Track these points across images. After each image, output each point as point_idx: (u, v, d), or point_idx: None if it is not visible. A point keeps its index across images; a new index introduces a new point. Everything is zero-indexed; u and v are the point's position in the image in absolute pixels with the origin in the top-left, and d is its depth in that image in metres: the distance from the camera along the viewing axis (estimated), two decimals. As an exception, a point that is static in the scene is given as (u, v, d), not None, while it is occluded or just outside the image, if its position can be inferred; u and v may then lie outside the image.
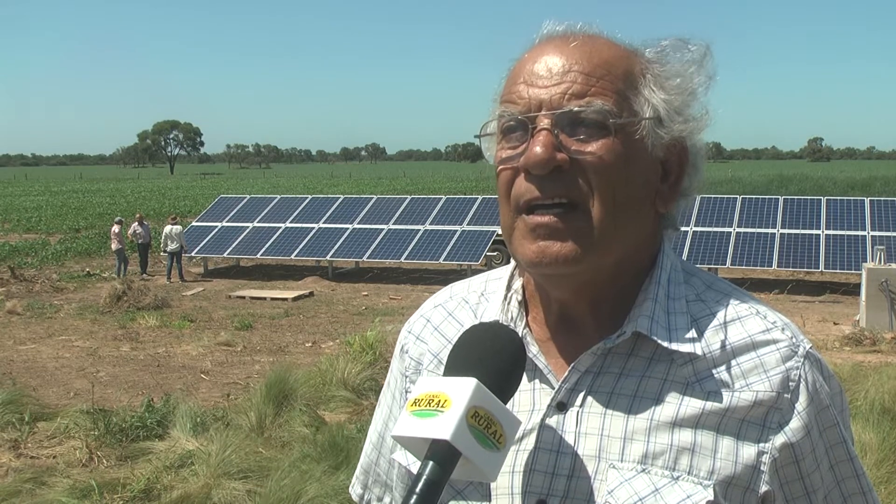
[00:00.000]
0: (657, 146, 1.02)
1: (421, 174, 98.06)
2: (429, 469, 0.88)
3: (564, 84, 0.99)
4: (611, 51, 1.02)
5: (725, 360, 1.02)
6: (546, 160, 0.97)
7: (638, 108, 1.01)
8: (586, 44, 1.02)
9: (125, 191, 60.70)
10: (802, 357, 1.03)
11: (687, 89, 1.04)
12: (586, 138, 0.98)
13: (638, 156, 1.01)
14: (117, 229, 18.55)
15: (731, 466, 0.98)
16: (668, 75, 1.04)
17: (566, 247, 0.98)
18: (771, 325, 1.04)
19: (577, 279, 1.02)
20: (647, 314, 1.02)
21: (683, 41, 1.06)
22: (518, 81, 1.02)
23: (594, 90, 0.98)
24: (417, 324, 1.21)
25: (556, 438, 1.02)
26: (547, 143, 0.97)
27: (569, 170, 0.98)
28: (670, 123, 1.02)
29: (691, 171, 1.07)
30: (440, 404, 0.91)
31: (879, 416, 6.36)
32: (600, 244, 0.99)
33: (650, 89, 1.02)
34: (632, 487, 0.98)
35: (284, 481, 5.30)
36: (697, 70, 1.05)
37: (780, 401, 1.00)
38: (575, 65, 1.00)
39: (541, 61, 1.02)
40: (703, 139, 1.07)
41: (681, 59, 1.05)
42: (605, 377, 1.03)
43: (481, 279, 1.21)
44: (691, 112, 1.04)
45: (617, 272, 1.04)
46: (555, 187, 0.98)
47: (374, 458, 1.25)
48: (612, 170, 0.98)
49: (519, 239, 1.02)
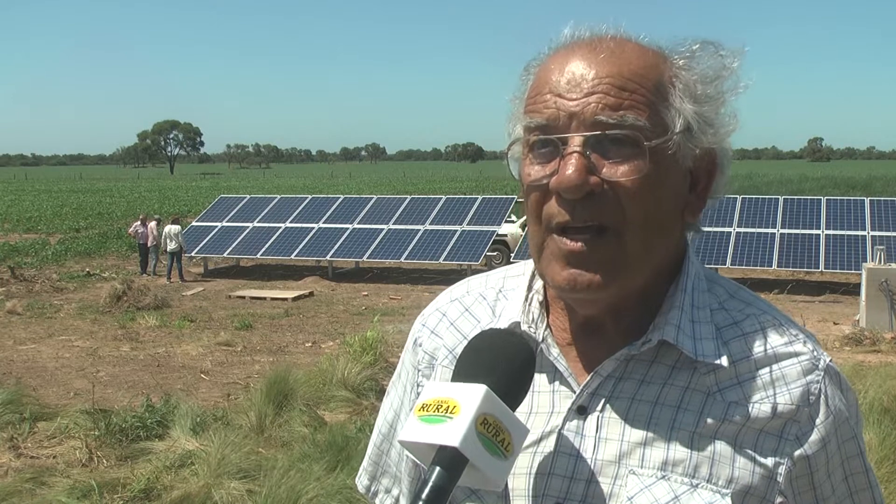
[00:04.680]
0: (687, 158, 0.99)
1: (421, 174, 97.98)
2: (435, 475, 0.88)
3: (596, 96, 0.95)
4: (641, 60, 0.98)
5: (747, 370, 1.01)
6: (578, 185, 0.93)
7: (669, 121, 0.97)
8: (616, 53, 0.98)
9: (125, 191, 60.68)
10: (823, 371, 1.03)
11: (718, 98, 1.00)
12: (619, 160, 0.95)
13: (669, 172, 0.98)
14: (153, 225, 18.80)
15: (748, 476, 0.98)
16: (698, 83, 1.00)
17: (597, 276, 0.96)
18: (793, 337, 1.04)
19: (605, 301, 1.01)
20: (674, 323, 1.01)
21: (714, 44, 1.02)
22: (545, 91, 0.98)
23: (627, 103, 0.95)
24: (433, 318, 1.19)
25: (575, 442, 1.02)
26: (580, 167, 0.94)
27: (601, 193, 0.95)
28: (701, 135, 0.99)
29: (719, 177, 1.04)
30: (449, 410, 0.90)
31: (879, 416, 6.36)
32: (631, 269, 0.98)
33: (680, 99, 0.98)
34: (651, 494, 0.98)
35: (284, 481, 5.30)
36: (728, 76, 1.01)
37: (800, 413, 1.00)
38: (606, 77, 0.95)
39: (569, 70, 0.97)
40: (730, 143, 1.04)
41: (711, 65, 1.01)
42: (627, 383, 1.02)
43: (499, 275, 1.20)
44: (721, 121, 1.01)
45: (644, 286, 1.03)
46: (587, 212, 0.95)
47: (384, 449, 1.23)
48: (646, 192, 0.95)
49: (549, 259, 0.99)
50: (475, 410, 0.89)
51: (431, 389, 0.95)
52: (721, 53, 1.02)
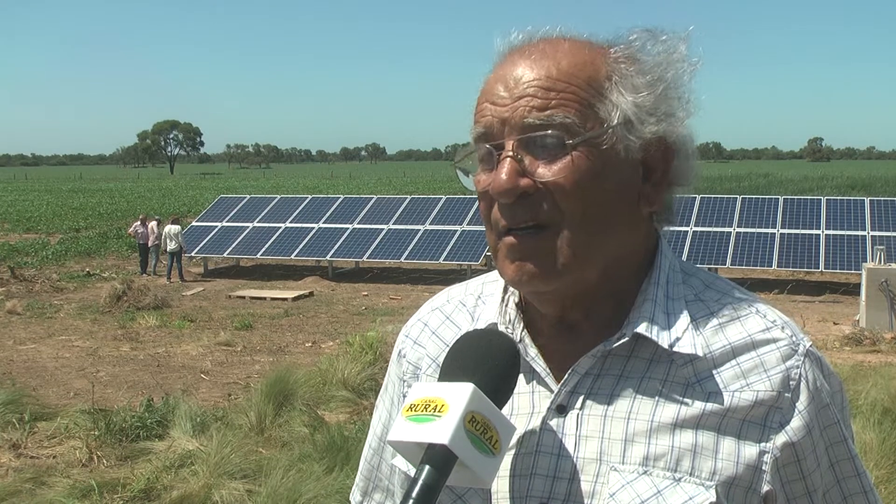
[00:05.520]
0: (632, 149, 0.99)
1: (421, 174, 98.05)
2: (425, 473, 0.88)
3: (524, 99, 0.97)
4: (572, 58, 0.99)
5: (725, 359, 1.01)
6: (509, 189, 0.96)
7: (605, 115, 0.98)
8: (546, 53, 0.99)
9: (125, 191, 60.69)
10: (803, 355, 1.02)
11: (659, 85, 1.00)
12: (548, 160, 0.97)
13: (608, 165, 0.98)
14: (154, 225, 18.79)
15: (732, 467, 0.98)
16: (637, 73, 1.00)
17: (538, 268, 0.98)
18: (771, 323, 1.04)
19: (560, 295, 1.02)
20: (647, 316, 1.02)
21: (653, 32, 1.02)
22: (483, 100, 1.02)
23: (554, 102, 0.96)
24: (415, 328, 1.20)
25: (556, 441, 1.02)
26: (510, 172, 0.96)
27: (535, 193, 0.97)
28: (641, 126, 0.99)
29: (679, 163, 1.03)
30: (437, 409, 0.91)
31: (880, 416, 6.36)
32: (574, 263, 0.98)
33: (618, 92, 0.98)
34: (633, 490, 0.97)
35: (284, 481, 5.30)
36: (670, 62, 1.01)
37: (781, 400, 1.00)
38: (535, 79, 0.98)
39: (502, 77, 1.00)
40: (688, 129, 1.03)
41: (650, 52, 1.02)
42: (605, 379, 1.02)
43: (478, 282, 1.21)
44: (667, 108, 1.01)
45: (606, 279, 1.03)
46: (523, 213, 0.98)
47: (375, 464, 1.24)
48: (577, 188, 0.96)
49: (501, 259, 1.02)
50: (463, 408, 0.90)
51: (419, 389, 0.96)
52: (662, 39, 1.02)
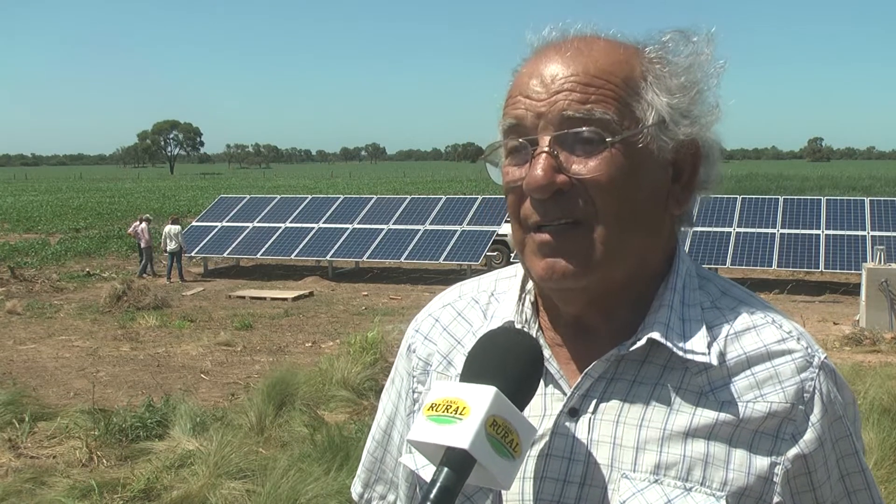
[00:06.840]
0: (664, 150, 0.99)
1: (421, 174, 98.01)
2: (444, 476, 0.88)
3: (562, 94, 0.97)
4: (609, 56, 0.99)
5: (740, 369, 1.00)
6: (545, 186, 0.95)
7: (640, 115, 0.98)
8: (582, 51, 0.99)
9: (125, 191, 60.67)
10: (818, 368, 1.01)
11: (693, 87, 1.00)
12: (585, 156, 0.96)
13: (643, 164, 0.98)
14: (145, 227, 18.74)
15: (743, 478, 0.97)
16: (671, 74, 1.00)
17: (570, 263, 0.97)
18: (786, 334, 1.03)
19: (586, 294, 1.01)
20: (663, 321, 1.01)
21: (685, 33, 1.02)
22: (516, 94, 1.01)
23: (594, 98, 0.96)
24: (426, 323, 1.19)
25: (567, 445, 1.01)
26: (546, 168, 0.95)
27: (570, 190, 0.96)
28: (675, 127, 0.99)
29: (705, 167, 1.04)
30: (458, 411, 0.90)
31: (879, 416, 6.35)
32: (606, 260, 0.97)
33: (653, 93, 0.99)
34: (644, 498, 0.97)
35: (284, 481, 5.30)
36: (702, 64, 1.01)
37: (795, 412, 0.99)
38: (572, 75, 0.97)
39: (537, 73, 0.99)
40: (715, 132, 1.03)
41: (684, 53, 1.01)
42: (619, 384, 1.01)
43: (491, 278, 1.19)
44: (699, 110, 1.01)
45: (630, 281, 1.02)
46: (557, 209, 0.97)
47: (378, 456, 1.23)
48: (614, 185, 0.96)
49: (529, 256, 1.01)
50: (485, 413, 0.89)
51: (441, 389, 0.95)
52: (693, 40, 1.02)
